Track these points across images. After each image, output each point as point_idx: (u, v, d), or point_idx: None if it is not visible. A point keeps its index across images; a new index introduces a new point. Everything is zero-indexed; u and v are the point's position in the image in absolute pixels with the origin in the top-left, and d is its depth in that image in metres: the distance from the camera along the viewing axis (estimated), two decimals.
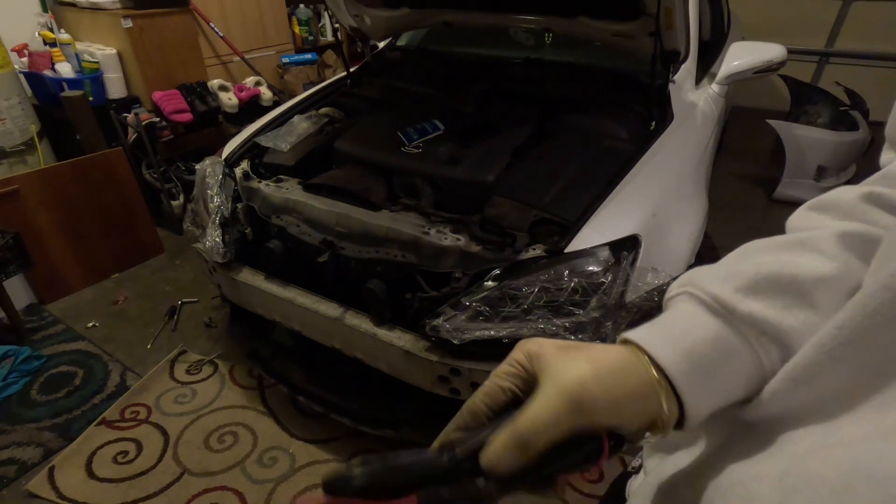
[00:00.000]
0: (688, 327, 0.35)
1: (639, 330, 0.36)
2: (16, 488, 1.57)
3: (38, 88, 2.65)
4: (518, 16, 1.89)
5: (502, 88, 1.95)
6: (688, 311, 0.36)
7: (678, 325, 0.36)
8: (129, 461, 1.65)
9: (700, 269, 0.39)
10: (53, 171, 2.31)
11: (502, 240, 1.31)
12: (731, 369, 0.34)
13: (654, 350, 0.34)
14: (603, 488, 1.56)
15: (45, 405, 1.85)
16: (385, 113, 1.90)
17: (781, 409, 0.33)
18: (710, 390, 0.34)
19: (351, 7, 1.98)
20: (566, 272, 1.17)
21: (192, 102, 2.83)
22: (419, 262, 1.36)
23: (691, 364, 0.33)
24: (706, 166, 1.83)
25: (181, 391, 1.90)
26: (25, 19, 2.71)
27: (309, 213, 1.52)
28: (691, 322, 0.35)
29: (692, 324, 0.35)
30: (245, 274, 1.61)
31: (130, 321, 2.26)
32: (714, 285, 0.36)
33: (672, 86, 1.73)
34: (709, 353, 0.34)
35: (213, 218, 1.59)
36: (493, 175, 1.48)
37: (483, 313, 1.18)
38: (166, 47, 2.84)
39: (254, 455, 1.66)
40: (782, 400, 0.32)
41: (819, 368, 0.30)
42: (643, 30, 1.57)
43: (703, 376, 0.33)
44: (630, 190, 1.38)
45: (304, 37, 3.89)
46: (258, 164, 1.78)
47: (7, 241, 2.02)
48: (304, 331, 1.57)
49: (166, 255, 2.72)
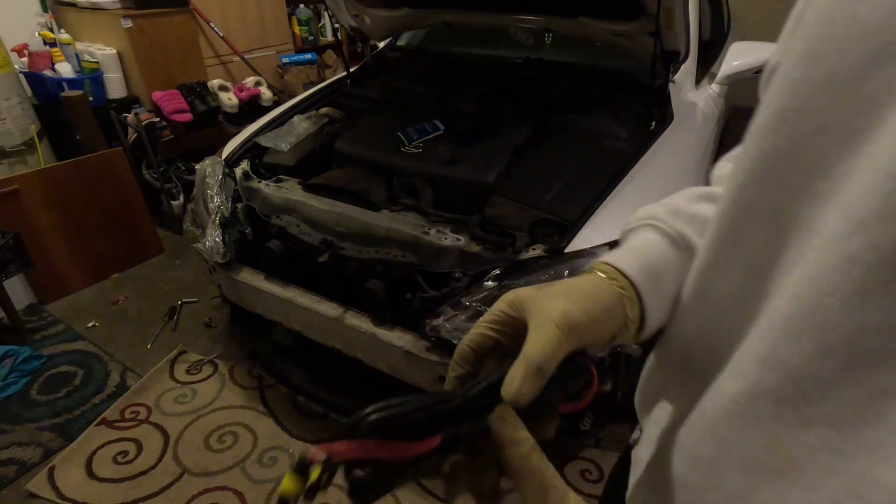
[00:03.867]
0: (653, 251, 0.45)
1: (609, 255, 0.44)
2: (16, 488, 1.57)
3: (38, 88, 2.65)
4: (518, 16, 1.89)
5: (502, 88, 1.95)
6: (652, 240, 0.46)
7: (647, 250, 0.45)
8: (129, 461, 1.65)
9: (655, 207, 0.49)
10: (53, 171, 2.31)
11: (502, 240, 1.31)
12: (674, 281, 0.43)
13: (626, 268, 0.41)
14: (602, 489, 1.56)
15: (45, 405, 1.85)
16: (385, 113, 1.90)
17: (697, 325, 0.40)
18: (661, 297, 0.42)
19: (351, 7, 1.98)
20: (566, 272, 1.17)
21: (192, 102, 2.82)
22: (419, 262, 1.36)
23: (650, 273, 0.42)
24: (706, 166, 1.83)
25: (181, 391, 1.90)
26: (25, 19, 2.71)
27: (309, 213, 1.52)
28: (657, 248, 0.45)
29: (658, 249, 0.45)
30: (245, 274, 1.61)
31: (130, 321, 2.26)
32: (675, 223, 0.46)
33: (672, 86, 1.73)
34: (663, 267, 0.43)
35: (213, 218, 1.59)
36: (493, 175, 1.48)
37: (483, 313, 1.18)
38: (166, 47, 2.84)
39: (254, 455, 1.66)
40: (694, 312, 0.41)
41: (703, 280, 0.39)
42: (643, 30, 1.57)
43: (657, 286, 0.42)
44: (630, 190, 1.38)
45: (304, 37, 3.89)
46: (258, 164, 1.78)
47: (7, 241, 2.01)
48: (304, 331, 1.57)
49: (166, 255, 2.72)
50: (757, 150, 0.32)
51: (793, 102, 0.30)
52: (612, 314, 0.39)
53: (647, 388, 0.51)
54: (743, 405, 0.30)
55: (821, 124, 0.29)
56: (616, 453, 1.64)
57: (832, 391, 0.26)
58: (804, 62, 0.30)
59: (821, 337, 0.26)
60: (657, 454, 0.43)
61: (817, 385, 0.26)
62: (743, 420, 0.30)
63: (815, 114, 0.29)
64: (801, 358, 0.27)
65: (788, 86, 0.31)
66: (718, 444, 0.32)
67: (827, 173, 0.28)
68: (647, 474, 0.45)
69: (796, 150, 0.30)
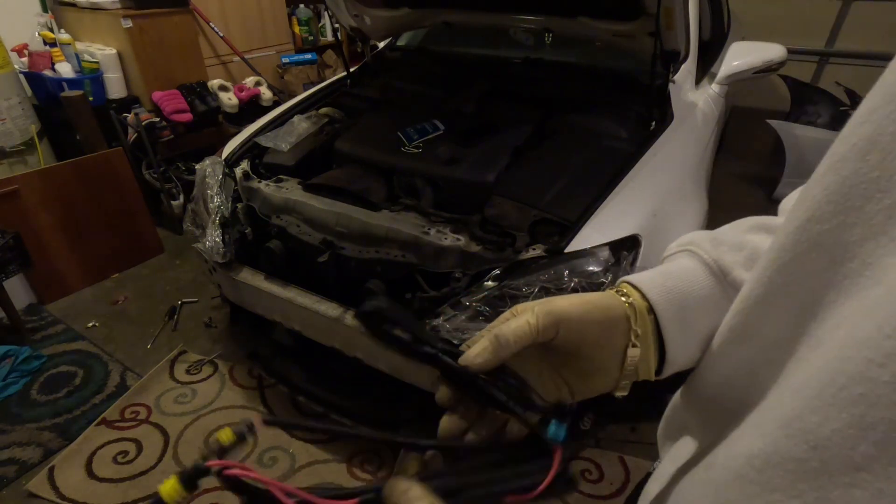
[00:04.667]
0: (683, 276, 0.40)
1: (634, 275, 0.41)
2: (16, 488, 1.57)
3: (38, 88, 2.65)
4: (518, 16, 1.89)
5: (502, 88, 1.95)
6: (686, 265, 0.41)
7: (675, 273, 0.41)
8: (129, 461, 1.65)
9: (699, 234, 0.44)
10: (53, 171, 2.31)
11: (502, 240, 1.31)
12: (706, 313, 0.39)
13: (641, 283, 0.39)
14: (604, 489, 1.56)
15: (45, 405, 1.85)
16: (385, 113, 1.90)
17: (729, 367, 0.36)
18: (687, 327, 0.39)
19: (351, 7, 1.98)
20: (566, 272, 1.17)
21: (192, 102, 2.82)
22: (419, 262, 1.36)
23: (673, 299, 0.38)
24: (706, 166, 1.83)
25: (181, 391, 1.90)
26: (25, 19, 2.71)
27: (309, 213, 1.52)
28: (689, 273, 0.41)
29: (689, 274, 0.40)
30: (245, 274, 1.61)
31: (130, 321, 2.26)
32: (715, 251, 0.41)
33: (672, 86, 1.73)
34: (692, 295, 0.39)
35: (213, 218, 1.59)
36: (493, 175, 1.48)
37: (483, 313, 1.18)
38: (166, 47, 2.83)
39: (254, 455, 1.66)
40: (728, 354, 0.36)
41: (746, 317, 0.34)
42: (643, 30, 1.57)
43: (682, 312, 0.38)
44: (630, 190, 1.38)
45: (304, 37, 3.89)
46: (258, 164, 1.78)
47: (7, 241, 2.01)
48: (304, 331, 1.57)
49: (166, 255, 2.72)
50: (835, 179, 0.27)
51: (893, 125, 0.24)
52: (606, 316, 0.37)
53: (671, 422, 0.49)
54: (757, 469, 0.27)
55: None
56: (616, 453, 1.64)
57: (863, 476, 0.22)
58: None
59: (859, 411, 0.22)
60: (661, 497, 0.41)
61: (847, 466, 0.22)
62: (757, 486, 0.27)
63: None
64: (832, 431, 0.23)
65: (892, 103, 0.25)
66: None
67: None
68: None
69: (881, 183, 0.25)
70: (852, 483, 0.22)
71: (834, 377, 0.23)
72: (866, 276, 0.25)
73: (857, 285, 0.25)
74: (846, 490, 0.22)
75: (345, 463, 1.62)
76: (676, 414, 0.48)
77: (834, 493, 0.23)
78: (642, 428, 1.72)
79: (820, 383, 0.24)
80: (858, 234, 0.26)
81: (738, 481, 0.28)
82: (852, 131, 0.27)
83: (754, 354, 0.33)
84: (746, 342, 0.34)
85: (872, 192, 0.25)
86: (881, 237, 0.24)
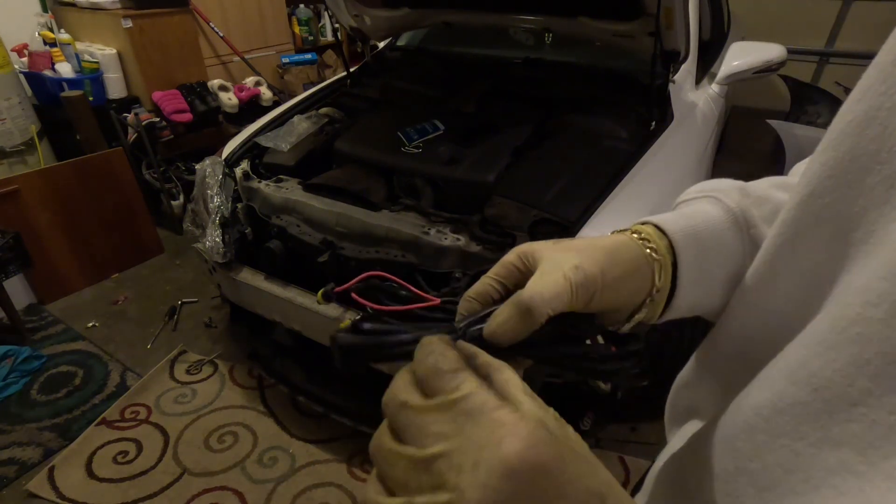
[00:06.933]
0: (702, 217, 0.39)
1: (653, 216, 0.39)
2: (16, 488, 1.57)
3: (38, 88, 2.65)
4: (518, 16, 1.89)
5: (502, 88, 1.95)
6: (706, 209, 0.40)
7: (693, 213, 0.40)
8: (129, 461, 1.65)
9: (725, 181, 0.43)
10: (53, 171, 2.31)
11: (502, 240, 1.31)
12: (722, 263, 0.39)
13: (667, 226, 0.37)
14: None
15: (45, 405, 1.85)
16: (385, 113, 1.90)
17: (742, 330, 0.37)
18: (702, 273, 0.38)
19: (351, 7, 1.98)
20: None
21: (192, 102, 2.82)
22: (419, 261, 1.36)
23: (695, 241, 0.37)
24: (706, 166, 1.83)
25: (181, 391, 1.90)
26: (25, 19, 2.71)
27: (309, 213, 1.52)
28: (712, 220, 0.39)
29: (708, 216, 0.39)
30: (245, 274, 1.61)
31: (130, 321, 2.26)
32: (744, 201, 0.40)
33: (672, 86, 1.73)
34: (712, 242, 0.38)
35: (213, 218, 1.59)
36: (493, 175, 1.48)
37: None
38: (166, 47, 2.84)
39: (254, 455, 1.66)
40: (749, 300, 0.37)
41: (763, 278, 0.35)
42: (643, 30, 1.57)
43: (701, 258, 0.37)
44: (630, 190, 1.38)
45: (304, 37, 3.90)
46: (258, 164, 1.78)
47: (7, 241, 2.02)
48: (304, 331, 1.57)
49: (166, 255, 2.72)
50: (833, 155, 0.28)
51: (889, 101, 0.25)
52: (634, 279, 0.35)
53: (677, 403, 0.49)
54: (765, 418, 0.28)
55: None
56: (616, 453, 1.64)
57: (860, 410, 0.23)
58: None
59: (857, 349, 0.23)
60: (673, 465, 0.42)
61: (845, 402, 0.24)
62: (764, 434, 0.28)
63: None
64: (833, 371, 0.24)
65: (887, 81, 0.25)
66: (736, 457, 0.31)
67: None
68: (659, 486, 0.43)
69: (880, 156, 0.25)
70: (849, 418, 0.24)
71: (834, 323, 0.25)
72: (871, 244, 0.26)
73: (862, 252, 0.26)
74: (845, 426, 0.24)
75: (345, 463, 1.62)
76: (682, 394, 0.47)
77: (834, 430, 0.24)
78: (642, 428, 1.72)
79: (822, 332, 0.26)
80: (860, 205, 0.26)
81: (746, 433, 0.30)
82: (849, 108, 0.28)
83: (769, 318, 0.34)
84: (760, 308, 0.35)
85: (871, 164, 0.26)
86: (883, 206, 0.25)
